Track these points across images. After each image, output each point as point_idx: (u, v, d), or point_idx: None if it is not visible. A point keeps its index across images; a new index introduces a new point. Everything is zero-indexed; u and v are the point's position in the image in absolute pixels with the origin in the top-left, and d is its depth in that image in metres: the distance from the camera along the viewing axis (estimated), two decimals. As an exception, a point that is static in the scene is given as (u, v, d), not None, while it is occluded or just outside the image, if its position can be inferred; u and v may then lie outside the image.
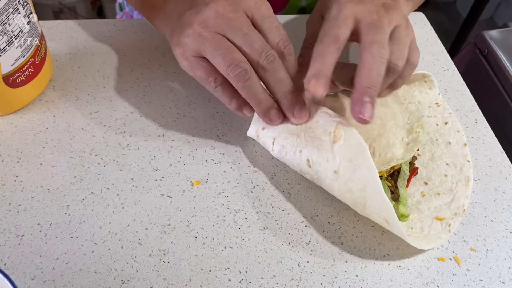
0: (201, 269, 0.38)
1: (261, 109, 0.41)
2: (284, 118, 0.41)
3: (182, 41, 0.40)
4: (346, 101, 0.44)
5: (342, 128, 0.38)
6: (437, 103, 0.47)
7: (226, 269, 0.38)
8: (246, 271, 0.38)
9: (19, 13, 0.41)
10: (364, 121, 0.36)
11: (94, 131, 0.46)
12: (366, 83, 0.37)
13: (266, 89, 0.41)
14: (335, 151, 0.37)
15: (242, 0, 0.40)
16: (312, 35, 0.45)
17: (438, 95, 0.48)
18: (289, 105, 0.40)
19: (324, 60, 0.38)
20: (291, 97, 0.40)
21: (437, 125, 0.46)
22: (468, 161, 0.43)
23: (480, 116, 0.51)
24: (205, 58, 0.40)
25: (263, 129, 0.43)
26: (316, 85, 0.37)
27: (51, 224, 0.39)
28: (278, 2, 0.65)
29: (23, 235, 0.39)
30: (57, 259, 0.37)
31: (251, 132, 0.44)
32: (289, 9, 0.67)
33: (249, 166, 0.45)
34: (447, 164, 0.44)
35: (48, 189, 0.42)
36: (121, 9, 0.80)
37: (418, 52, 0.43)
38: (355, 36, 0.41)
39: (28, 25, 0.43)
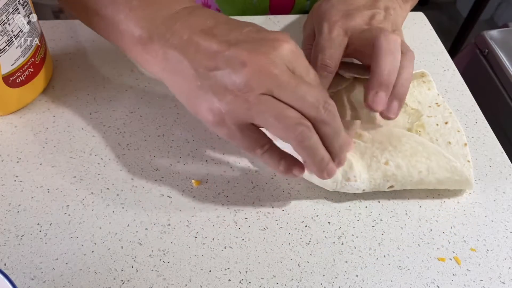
0: (201, 269, 0.38)
1: (321, 166, 0.35)
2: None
3: (218, 108, 0.34)
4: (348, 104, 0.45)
5: None
6: (437, 103, 0.47)
7: (226, 269, 0.38)
8: (246, 271, 0.38)
9: (19, 13, 0.41)
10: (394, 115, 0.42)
11: (94, 131, 0.46)
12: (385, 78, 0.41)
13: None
14: None
15: (277, 50, 0.34)
16: (310, 37, 0.49)
17: (438, 96, 0.48)
18: (342, 155, 0.37)
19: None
20: (345, 147, 0.37)
21: (437, 125, 0.46)
22: (469, 161, 0.43)
23: (480, 116, 0.51)
24: (250, 124, 0.35)
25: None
26: None
27: (51, 224, 0.39)
28: (286, 5, 0.66)
29: (23, 235, 0.38)
30: (57, 259, 0.37)
31: None
32: (294, 13, 0.67)
33: (249, 166, 0.45)
34: (447, 164, 0.44)
35: (48, 189, 0.42)
36: None
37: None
38: (350, 50, 0.45)
39: (28, 25, 0.43)
